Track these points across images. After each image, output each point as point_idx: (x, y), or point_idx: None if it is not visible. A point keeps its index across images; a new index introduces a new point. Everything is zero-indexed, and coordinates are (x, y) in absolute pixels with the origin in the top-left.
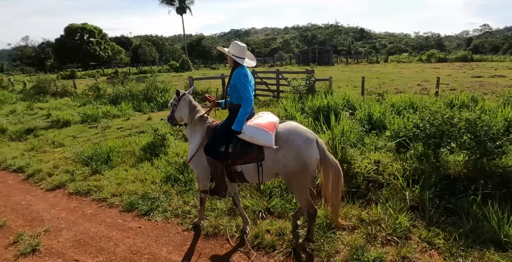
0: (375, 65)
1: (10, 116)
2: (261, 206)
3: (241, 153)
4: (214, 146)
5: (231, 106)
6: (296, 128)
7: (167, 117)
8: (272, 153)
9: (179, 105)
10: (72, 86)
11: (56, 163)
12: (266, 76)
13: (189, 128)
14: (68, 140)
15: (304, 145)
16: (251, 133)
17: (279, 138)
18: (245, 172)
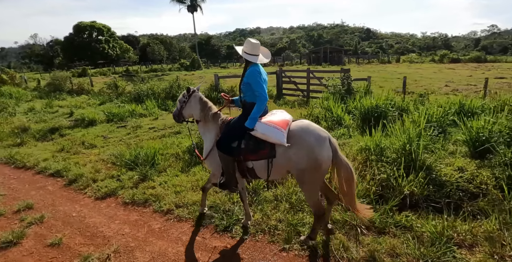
0: (388, 65)
1: (30, 115)
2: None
3: (253, 150)
4: (227, 141)
5: (245, 104)
6: (308, 126)
7: (173, 114)
8: (284, 150)
9: (189, 102)
10: (89, 84)
11: (95, 167)
12: (295, 76)
13: (202, 125)
14: (99, 141)
15: (316, 143)
16: (263, 130)
17: (291, 135)
18: (256, 168)
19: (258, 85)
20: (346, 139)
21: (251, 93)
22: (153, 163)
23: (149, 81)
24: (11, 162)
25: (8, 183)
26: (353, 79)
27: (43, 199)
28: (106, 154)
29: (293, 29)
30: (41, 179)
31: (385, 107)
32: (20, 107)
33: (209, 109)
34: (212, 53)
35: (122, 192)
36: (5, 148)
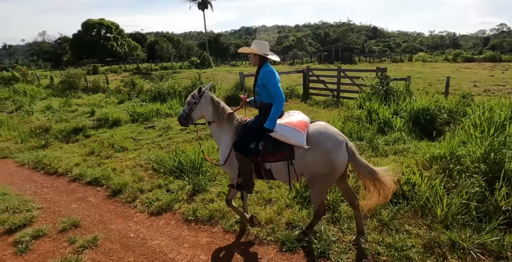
0: (401, 64)
1: (48, 113)
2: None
3: (272, 151)
4: (245, 142)
5: (262, 105)
6: (326, 130)
7: (179, 117)
8: (302, 153)
9: (200, 103)
10: (104, 82)
11: (136, 174)
12: (323, 74)
13: (216, 127)
14: (129, 143)
15: (334, 147)
16: (283, 131)
17: (309, 138)
18: (273, 170)
19: (274, 86)
20: (400, 144)
21: (267, 94)
22: (200, 170)
23: (169, 79)
24: (40, 167)
25: (42, 193)
26: (392, 79)
27: (88, 214)
28: (142, 158)
29: (299, 28)
30: (78, 188)
31: (436, 109)
32: (36, 105)
33: (223, 109)
34: (221, 51)
35: (179, 206)
36: (29, 150)
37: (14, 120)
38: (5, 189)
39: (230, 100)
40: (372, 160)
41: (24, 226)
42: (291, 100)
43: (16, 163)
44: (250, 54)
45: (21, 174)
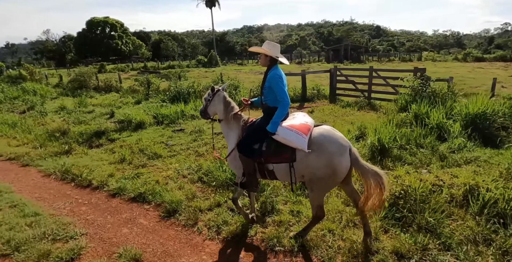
0: (413, 63)
1: (63, 114)
2: None
3: (274, 153)
4: (248, 143)
5: (266, 108)
6: (330, 134)
7: (200, 111)
8: (304, 156)
9: (213, 100)
10: (117, 81)
11: (185, 188)
12: (351, 74)
13: (225, 124)
14: (161, 148)
15: (337, 152)
16: (285, 134)
17: (313, 142)
18: (276, 171)
19: (281, 90)
20: (465, 152)
21: (273, 97)
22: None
23: (188, 78)
24: (69, 178)
25: (81, 212)
26: (435, 80)
27: (147, 243)
28: (183, 167)
29: (302, 26)
30: (122, 205)
31: (493, 113)
32: (48, 105)
33: (232, 109)
34: (227, 50)
35: (254, 231)
36: (51, 157)
37: (27, 122)
38: (35, 206)
39: None
40: (447, 170)
41: (72, 260)
42: (318, 101)
43: (40, 172)
44: (260, 54)
45: (49, 187)
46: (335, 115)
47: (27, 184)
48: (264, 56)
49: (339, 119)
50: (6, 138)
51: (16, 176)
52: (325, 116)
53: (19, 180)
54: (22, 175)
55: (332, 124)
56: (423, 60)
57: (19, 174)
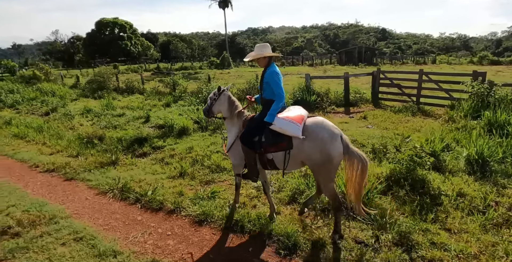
0: (430, 66)
1: (91, 117)
2: None
3: (272, 142)
4: (249, 136)
5: (265, 101)
6: (323, 123)
7: (204, 110)
8: (299, 143)
9: (219, 99)
10: (139, 82)
11: (286, 213)
12: (396, 78)
13: (229, 121)
14: (220, 159)
15: (329, 138)
16: (281, 124)
17: (306, 130)
18: (275, 159)
19: (276, 85)
20: None
21: (269, 91)
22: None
23: (218, 80)
24: (132, 198)
25: (170, 248)
26: (501, 85)
27: None
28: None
29: (307, 29)
30: (219, 239)
31: None
32: (70, 107)
33: (236, 107)
34: (237, 51)
35: None
36: (97, 169)
37: (53, 125)
38: (107, 239)
39: (300, 104)
40: None
41: None
42: (363, 106)
43: (91, 188)
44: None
45: (111, 209)
46: (392, 122)
47: (82, 205)
48: (258, 59)
49: (400, 126)
50: (34, 143)
51: (64, 193)
52: (384, 123)
53: (70, 200)
54: (70, 192)
55: (397, 132)
56: (437, 63)
57: (67, 190)
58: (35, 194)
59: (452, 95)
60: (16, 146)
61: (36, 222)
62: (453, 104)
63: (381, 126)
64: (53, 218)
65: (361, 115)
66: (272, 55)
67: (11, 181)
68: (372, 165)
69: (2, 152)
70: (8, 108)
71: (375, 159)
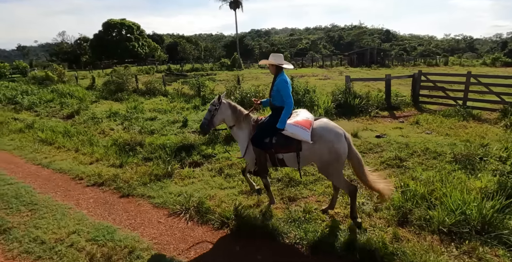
0: (445, 68)
1: (119, 120)
2: None
3: (283, 145)
4: (260, 138)
5: (275, 107)
6: (328, 125)
7: (202, 125)
8: (309, 145)
9: (220, 109)
10: (161, 83)
11: (400, 235)
12: (438, 80)
13: (236, 127)
14: (288, 169)
15: (335, 139)
16: (292, 130)
17: (314, 133)
18: (285, 159)
19: (287, 94)
20: None
21: (280, 99)
22: None
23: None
24: (216, 222)
25: None
26: None
27: None
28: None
29: (310, 30)
30: None
31: None
32: (92, 109)
33: (240, 112)
34: (245, 52)
35: None
36: (154, 182)
37: (80, 130)
38: None
39: (343, 109)
40: None
41: None
42: (406, 110)
43: (156, 207)
44: (269, 65)
45: (196, 236)
46: (449, 127)
47: (159, 232)
48: (271, 65)
49: (461, 132)
50: (66, 150)
51: (128, 214)
52: (440, 128)
53: (140, 223)
54: (134, 212)
55: (462, 139)
56: (450, 65)
57: (129, 210)
58: (92, 215)
59: (504, 99)
60: (47, 153)
61: (114, 257)
62: (506, 109)
63: (440, 132)
64: (133, 251)
65: (412, 120)
66: (286, 68)
67: (58, 198)
68: (463, 176)
69: (34, 160)
70: (26, 111)
71: (463, 169)
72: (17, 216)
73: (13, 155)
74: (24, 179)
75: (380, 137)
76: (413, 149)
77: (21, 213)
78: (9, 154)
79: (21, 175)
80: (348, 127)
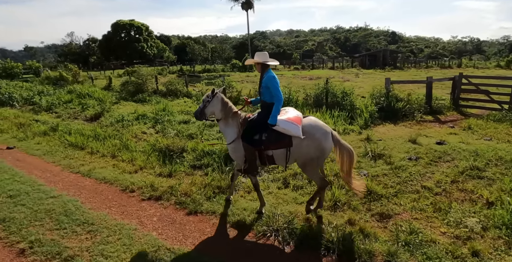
0: (459, 70)
1: (150, 124)
2: None
3: (274, 141)
4: (250, 134)
5: (264, 104)
6: (316, 123)
7: (195, 112)
8: (298, 141)
9: (212, 101)
10: (183, 84)
11: None
12: (480, 83)
13: (223, 123)
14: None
15: (323, 137)
16: (284, 125)
17: (304, 130)
18: (275, 156)
19: (276, 89)
20: None
21: (269, 95)
22: None
23: None
24: (323, 247)
25: None
26: None
27: None
28: (454, 219)
29: (315, 32)
30: None
31: None
32: (116, 111)
33: (230, 108)
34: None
35: None
36: (218, 196)
37: (110, 133)
38: None
39: (385, 112)
40: None
41: None
42: (449, 114)
43: (235, 227)
44: (255, 64)
45: None
46: (506, 133)
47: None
48: (257, 64)
49: None
50: (101, 156)
51: (207, 237)
52: (498, 134)
53: (231, 251)
54: (214, 234)
55: None
56: (463, 67)
57: (206, 231)
58: (165, 238)
59: None
60: (82, 159)
61: None
62: None
63: (501, 139)
64: None
65: (463, 125)
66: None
67: (114, 215)
68: None
69: (71, 167)
70: (45, 112)
71: None
72: (75, 240)
73: (44, 160)
74: (67, 190)
75: (441, 144)
76: (486, 157)
77: (79, 235)
78: (40, 159)
79: (62, 185)
80: (402, 133)
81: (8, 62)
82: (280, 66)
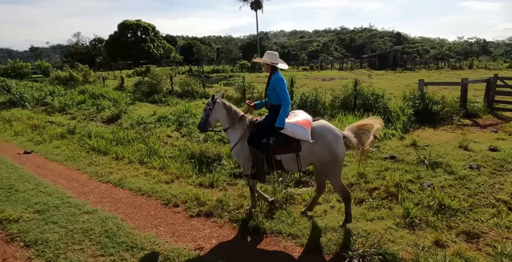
0: (470, 71)
1: (174, 126)
2: None
3: (282, 145)
4: (257, 138)
5: (271, 106)
6: (327, 126)
7: (199, 124)
8: (308, 145)
9: (214, 108)
10: (200, 85)
11: None
12: None
13: (231, 130)
14: (417, 187)
15: (334, 140)
16: (292, 129)
17: (313, 133)
18: (283, 161)
19: (283, 91)
20: None
21: (276, 97)
22: None
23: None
24: None
25: None
26: None
27: None
28: None
29: (320, 33)
30: None
31: None
32: (133, 113)
33: (235, 113)
34: (262, 54)
35: None
36: (280, 213)
37: (133, 137)
38: None
39: (421, 115)
40: None
41: None
42: (485, 117)
43: (309, 252)
44: (263, 63)
45: None
46: None
47: None
48: (265, 64)
49: None
50: (128, 162)
51: None
52: None
53: None
54: None
55: None
56: (475, 68)
57: (277, 256)
58: None
59: None
60: (109, 166)
61: None
62: None
63: None
64: None
65: (508, 130)
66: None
67: (165, 236)
68: None
69: (99, 176)
70: (59, 113)
71: None
72: None
73: (67, 167)
74: (101, 204)
75: (495, 150)
76: None
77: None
78: (62, 165)
79: (94, 198)
80: (446, 138)
81: (17, 62)
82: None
